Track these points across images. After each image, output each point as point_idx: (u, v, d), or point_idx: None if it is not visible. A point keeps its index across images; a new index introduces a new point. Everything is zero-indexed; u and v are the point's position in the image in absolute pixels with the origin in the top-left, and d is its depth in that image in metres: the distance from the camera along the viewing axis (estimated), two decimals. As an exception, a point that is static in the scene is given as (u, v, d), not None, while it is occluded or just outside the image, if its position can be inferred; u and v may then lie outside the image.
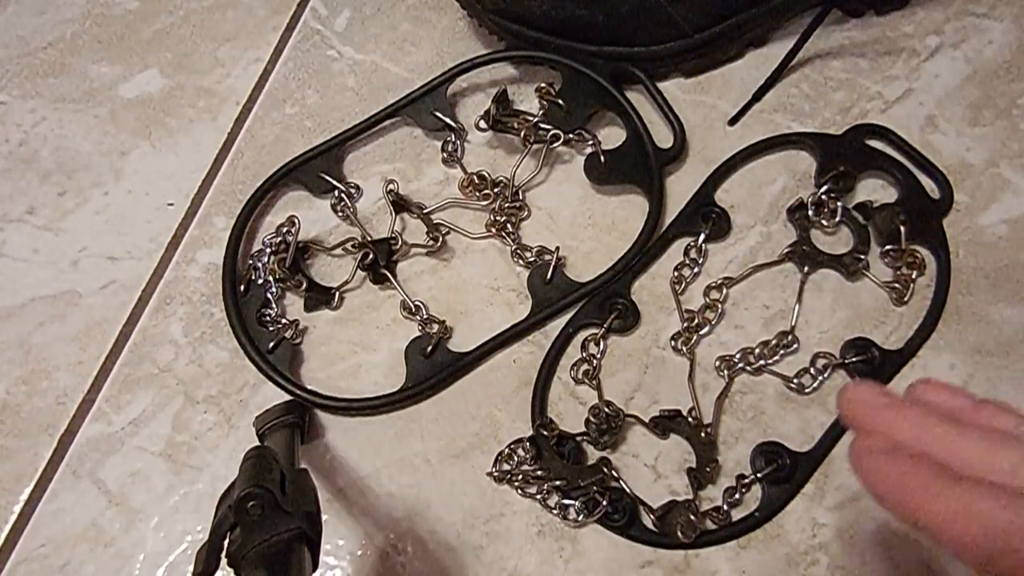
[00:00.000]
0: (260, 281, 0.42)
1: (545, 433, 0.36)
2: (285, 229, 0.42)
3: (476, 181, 0.43)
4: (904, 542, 0.34)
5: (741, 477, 0.36)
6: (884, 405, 0.23)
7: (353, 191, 0.44)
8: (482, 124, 0.43)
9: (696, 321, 0.39)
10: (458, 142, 0.45)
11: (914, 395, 0.24)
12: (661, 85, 0.45)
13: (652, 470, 0.37)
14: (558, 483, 0.35)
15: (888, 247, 0.39)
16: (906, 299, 0.38)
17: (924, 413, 0.22)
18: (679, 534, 0.34)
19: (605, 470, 0.35)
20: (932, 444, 0.22)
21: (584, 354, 0.39)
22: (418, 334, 0.40)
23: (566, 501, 0.35)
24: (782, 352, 0.38)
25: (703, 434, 0.36)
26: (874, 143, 0.42)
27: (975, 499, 0.20)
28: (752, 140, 0.43)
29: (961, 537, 0.20)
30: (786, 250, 0.40)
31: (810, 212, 0.40)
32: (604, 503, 0.35)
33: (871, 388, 0.24)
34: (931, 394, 0.24)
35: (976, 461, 0.21)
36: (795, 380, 0.37)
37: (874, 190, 0.41)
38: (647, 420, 0.37)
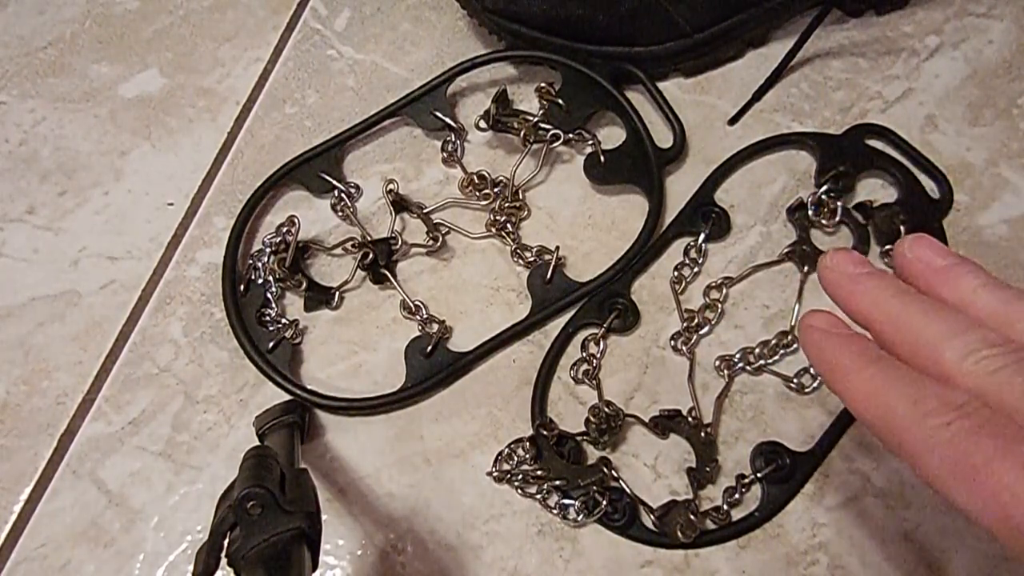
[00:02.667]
0: (260, 281, 0.42)
1: (545, 433, 0.36)
2: (285, 229, 0.42)
3: (476, 181, 0.43)
4: (904, 542, 0.34)
5: (741, 477, 0.36)
6: (850, 277, 0.25)
7: (353, 191, 0.44)
8: (482, 124, 0.43)
9: (696, 321, 0.39)
10: (458, 142, 0.45)
11: (899, 251, 0.25)
12: (661, 85, 0.45)
13: (652, 470, 0.37)
14: (558, 483, 0.35)
15: (888, 247, 0.39)
16: (906, 299, 0.38)
17: (880, 287, 0.24)
18: (679, 534, 0.34)
19: (605, 470, 0.35)
20: (879, 317, 0.23)
21: (584, 354, 0.39)
22: (418, 334, 0.40)
23: (566, 501, 0.35)
24: (782, 352, 0.38)
25: (703, 434, 0.36)
26: (874, 143, 0.42)
27: (878, 380, 0.22)
28: (752, 140, 0.43)
29: (863, 415, 0.22)
30: (786, 250, 0.40)
31: (810, 212, 0.40)
32: (604, 503, 0.35)
33: (845, 257, 0.25)
34: (915, 250, 0.25)
35: (910, 336, 0.22)
36: (795, 380, 0.37)
37: (874, 190, 0.41)
38: (647, 420, 0.37)
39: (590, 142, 0.43)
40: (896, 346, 0.23)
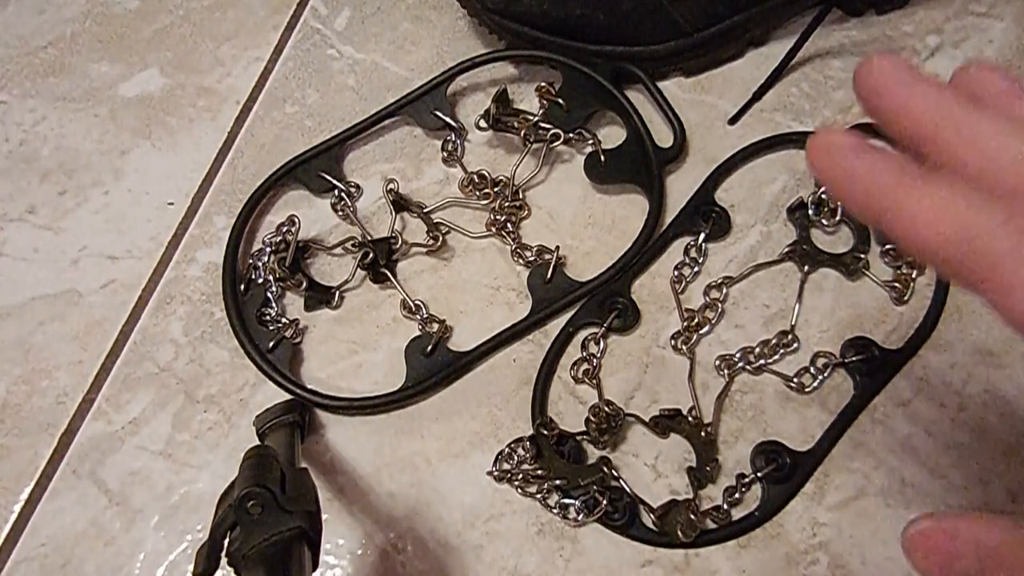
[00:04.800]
0: (260, 280, 0.42)
1: (545, 432, 0.36)
2: (285, 228, 0.42)
3: (476, 180, 0.43)
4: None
5: (741, 476, 0.36)
6: (905, 80, 0.20)
7: (353, 190, 0.44)
8: (482, 123, 0.43)
9: (696, 320, 0.39)
10: (458, 141, 0.45)
11: (961, 72, 0.21)
12: (661, 84, 0.45)
13: (652, 469, 0.37)
14: (558, 482, 0.35)
15: (888, 246, 0.39)
16: (906, 298, 0.38)
17: (943, 91, 0.20)
18: (679, 533, 0.34)
19: (605, 469, 0.35)
20: (947, 126, 0.19)
21: (584, 353, 0.39)
22: (418, 333, 0.40)
23: (566, 500, 0.35)
24: (782, 351, 0.38)
25: (703, 433, 0.36)
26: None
27: (949, 196, 0.18)
28: (752, 139, 0.43)
29: (929, 240, 0.18)
30: (786, 249, 0.40)
31: (810, 211, 0.40)
32: (604, 502, 0.35)
33: (897, 60, 0.21)
34: (982, 72, 0.21)
35: (986, 148, 0.18)
36: (795, 379, 0.37)
37: (874, 189, 0.41)
38: (647, 419, 0.37)
39: (590, 142, 0.43)
40: (964, 164, 0.19)
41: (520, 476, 0.36)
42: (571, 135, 0.43)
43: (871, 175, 0.19)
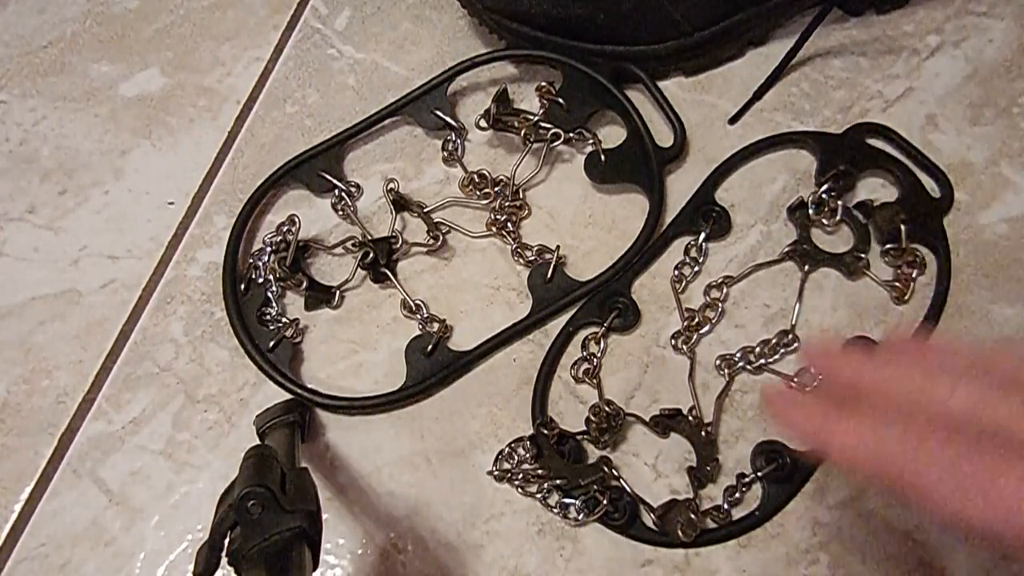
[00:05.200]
0: (260, 280, 0.42)
1: (545, 432, 0.36)
2: (285, 228, 0.42)
3: (476, 180, 0.43)
4: (904, 541, 0.34)
5: (742, 476, 0.36)
6: (832, 351, 0.28)
7: (353, 190, 0.44)
8: (482, 123, 0.43)
9: (696, 320, 0.39)
10: (458, 141, 0.45)
11: (881, 344, 0.29)
12: (661, 84, 0.45)
13: (652, 469, 0.37)
14: (558, 482, 0.35)
15: (888, 246, 0.39)
16: (906, 298, 0.38)
17: (861, 355, 0.26)
18: (679, 533, 0.34)
19: (605, 469, 0.35)
20: (867, 377, 0.25)
21: (584, 353, 0.39)
22: (418, 333, 0.40)
23: (566, 500, 0.35)
24: (782, 351, 0.38)
25: (703, 433, 0.36)
26: (874, 142, 0.42)
27: (861, 425, 0.24)
28: (752, 139, 0.43)
29: (858, 461, 0.24)
30: (786, 249, 0.40)
31: (810, 211, 0.40)
32: (604, 502, 0.35)
33: (823, 339, 0.31)
34: (893, 340, 0.28)
35: (895, 385, 0.24)
36: (795, 379, 0.37)
37: (874, 189, 0.41)
38: (647, 419, 0.37)
39: (591, 141, 0.43)
40: (874, 400, 0.24)
41: (520, 476, 0.36)
42: (571, 135, 0.43)
43: (805, 417, 0.26)
